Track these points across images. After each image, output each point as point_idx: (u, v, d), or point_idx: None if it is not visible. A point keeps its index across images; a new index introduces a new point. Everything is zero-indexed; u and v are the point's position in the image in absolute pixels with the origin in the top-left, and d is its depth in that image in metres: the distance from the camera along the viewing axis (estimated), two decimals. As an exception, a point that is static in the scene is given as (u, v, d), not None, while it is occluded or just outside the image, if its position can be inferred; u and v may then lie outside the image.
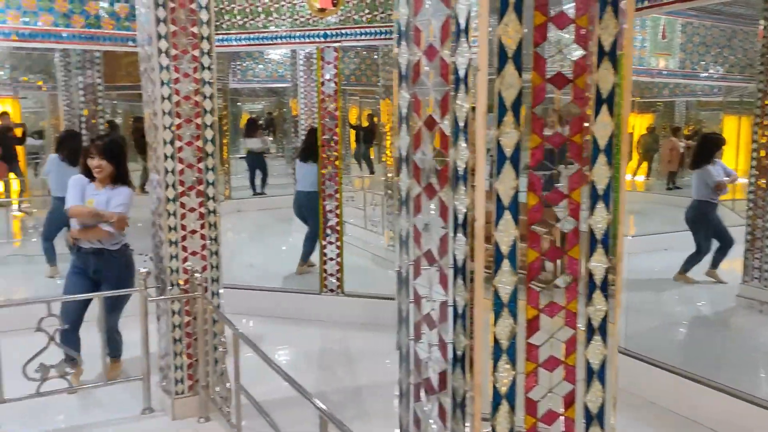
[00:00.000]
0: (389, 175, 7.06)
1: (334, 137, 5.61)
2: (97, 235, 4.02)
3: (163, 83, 3.64)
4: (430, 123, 1.48)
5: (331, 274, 5.68)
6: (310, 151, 6.67)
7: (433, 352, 1.52)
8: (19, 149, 9.13)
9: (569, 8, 1.38)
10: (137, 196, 11.73)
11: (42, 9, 4.99)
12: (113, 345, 4.22)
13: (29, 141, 9.04)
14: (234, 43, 5.69)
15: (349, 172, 10.94)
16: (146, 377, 3.86)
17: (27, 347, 3.83)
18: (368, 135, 13.37)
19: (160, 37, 3.61)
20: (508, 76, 1.32)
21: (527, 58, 1.35)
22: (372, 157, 13.43)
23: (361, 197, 8.63)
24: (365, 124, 13.71)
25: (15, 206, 6.80)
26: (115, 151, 4.14)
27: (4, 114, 11.21)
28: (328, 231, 5.69)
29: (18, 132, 9.92)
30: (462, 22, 1.34)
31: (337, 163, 5.64)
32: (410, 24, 1.53)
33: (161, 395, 3.88)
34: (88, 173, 4.10)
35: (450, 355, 1.44)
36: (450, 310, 1.44)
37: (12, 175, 8.31)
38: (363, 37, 5.49)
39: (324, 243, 5.69)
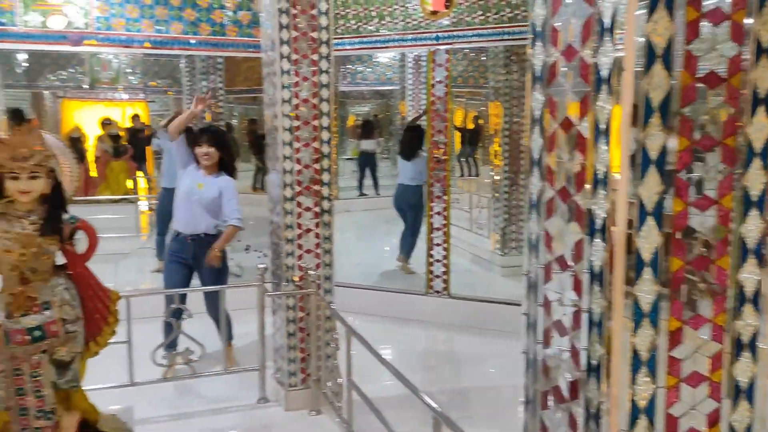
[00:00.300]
0: (496, 177, 6.95)
1: (444, 140, 5.61)
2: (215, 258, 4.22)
3: (283, 87, 3.77)
4: (567, 125, 1.45)
5: (437, 276, 5.68)
6: (411, 147, 6.76)
7: (564, 360, 1.48)
8: (147, 149, 9.81)
9: (723, 3, 1.30)
10: (249, 195, 12.27)
11: (173, 18, 5.32)
12: (227, 330, 4.33)
13: (155, 142, 9.69)
14: (348, 47, 5.82)
15: (453, 174, 10.89)
16: (262, 368, 4.01)
17: (156, 335, 4.12)
18: (473, 137, 13.25)
19: (282, 42, 3.74)
20: (656, 76, 1.26)
21: (675, 56, 1.28)
22: (476, 158, 13.30)
23: (466, 199, 8.57)
24: (470, 126, 13.60)
25: (143, 203, 7.29)
26: (222, 140, 4.32)
27: (136, 116, 12.08)
28: (435, 232, 5.69)
29: (146, 133, 10.66)
30: (607, 20, 1.29)
31: (445, 165, 5.64)
32: (547, 24, 1.50)
33: (275, 386, 4.03)
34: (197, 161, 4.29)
35: (583, 363, 1.40)
36: (584, 317, 1.39)
37: (140, 173, 8.94)
38: (475, 39, 5.45)
39: (430, 244, 5.70)
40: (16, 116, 10.34)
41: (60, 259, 2.89)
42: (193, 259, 4.29)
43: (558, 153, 1.50)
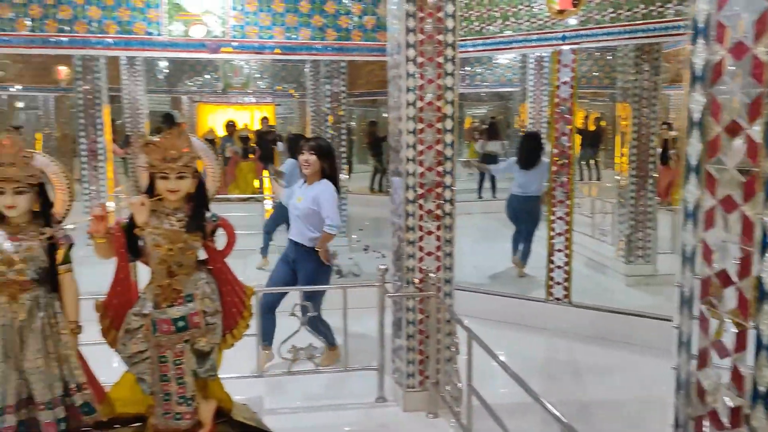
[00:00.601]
0: (621, 182, 6.64)
1: (567, 143, 5.43)
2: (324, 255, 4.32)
3: (408, 90, 3.80)
4: (734, 128, 1.34)
5: (558, 283, 5.50)
6: (530, 156, 6.55)
7: (724, 383, 1.37)
8: (273, 150, 10.29)
9: None
10: (367, 196, 12.52)
11: (302, 24, 5.52)
12: (322, 334, 4.43)
13: (280, 144, 10.15)
14: (470, 48, 5.77)
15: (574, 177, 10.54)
16: (381, 368, 4.06)
17: (279, 329, 4.28)
18: (595, 139, 12.76)
19: (408, 45, 3.77)
20: None
21: None
22: (598, 162, 12.80)
23: (586, 204, 8.25)
24: (591, 128, 13.10)
25: (268, 202, 7.63)
26: (323, 150, 4.38)
27: (264, 119, 12.71)
28: (557, 238, 5.52)
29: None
30: (786, 15, 1.18)
31: (569, 169, 5.45)
32: (711, 20, 1.40)
33: (393, 386, 4.06)
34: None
35: (749, 389, 1.29)
36: (751, 337, 1.28)
37: (266, 173, 9.36)
38: (604, 37, 5.23)
39: (551, 250, 5.53)
40: (168, 120, 11.24)
41: (202, 255, 3.07)
42: (294, 263, 4.42)
43: (720, 159, 1.39)
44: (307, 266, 4.35)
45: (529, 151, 6.61)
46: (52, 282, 2.91)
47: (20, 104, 14.23)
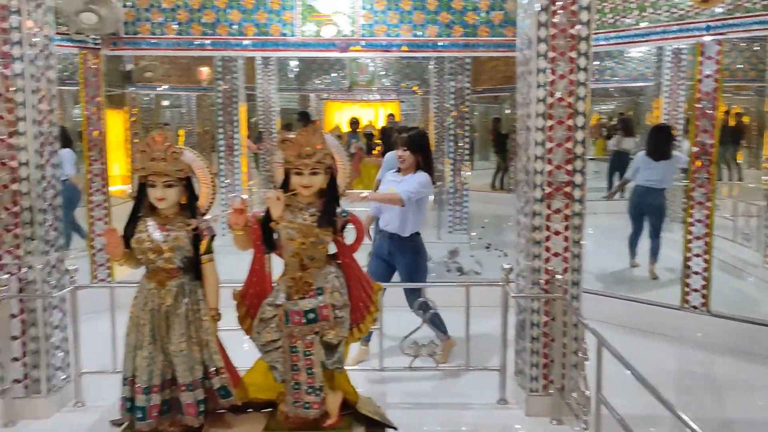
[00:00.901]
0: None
1: (710, 140, 5.06)
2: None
3: (539, 85, 3.70)
4: None
5: (695, 290, 5.15)
6: (661, 147, 6.25)
7: None
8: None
9: None
10: (489, 193, 12.34)
11: (428, 21, 5.53)
12: (435, 325, 4.38)
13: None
14: (602, 42, 5.53)
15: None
16: (503, 369, 3.99)
17: (399, 325, 4.31)
18: (735, 136, 11.80)
19: (539, 40, 3.67)
20: None
21: None
22: (739, 161, 11.83)
23: (726, 205, 7.66)
24: (732, 123, 12.12)
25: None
26: (417, 143, 4.36)
27: (391, 115, 12.93)
28: (695, 242, 5.16)
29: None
30: None
31: (710, 168, 5.08)
32: None
33: (516, 389, 3.98)
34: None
35: None
36: None
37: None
38: (755, 27, 4.82)
39: (689, 255, 5.18)
40: (303, 118, 11.76)
41: (332, 249, 3.17)
42: (389, 255, 4.42)
43: None
44: (406, 257, 4.39)
45: (659, 142, 6.34)
46: (195, 270, 3.12)
47: (165, 103, 15.43)
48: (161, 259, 3.02)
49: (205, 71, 11.13)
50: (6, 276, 3.63)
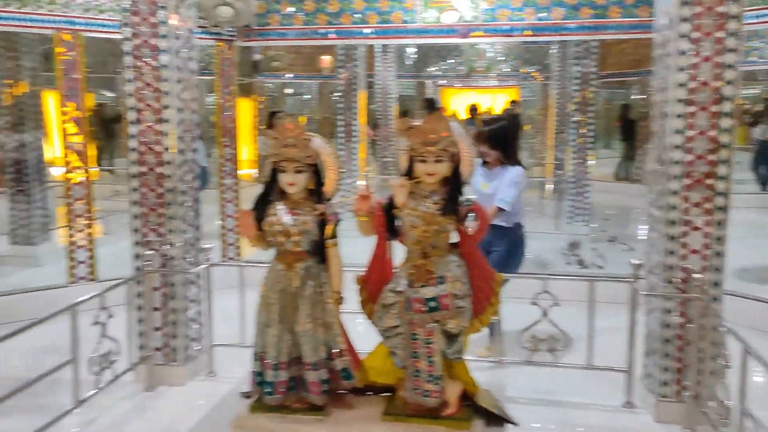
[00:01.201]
0: None
1: None
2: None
3: (680, 69, 3.44)
4: None
5: None
6: None
7: None
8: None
9: None
10: (610, 183, 11.81)
11: (554, 4, 5.31)
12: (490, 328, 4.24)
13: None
14: (753, 21, 5.05)
15: None
16: (630, 371, 3.78)
17: (516, 316, 4.19)
18: None
19: (682, 19, 3.40)
20: None
21: None
22: None
23: None
24: None
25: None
26: (499, 138, 4.23)
27: (513, 101, 12.67)
28: None
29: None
30: None
31: None
32: None
33: (643, 392, 3.76)
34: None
35: None
36: None
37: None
38: None
39: None
40: (429, 104, 11.82)
41: (454, 238, 3.12)
42: (488, 244, 4.28)
43: None
44: (502, 246, 4.31)
45: None
46: (320, 254, 3.19)
47: (289, 90, 15.99)
48: (290, 242, 3.11)
49: (327, 60, 11.40)
50: (151, 252, 3.93)
